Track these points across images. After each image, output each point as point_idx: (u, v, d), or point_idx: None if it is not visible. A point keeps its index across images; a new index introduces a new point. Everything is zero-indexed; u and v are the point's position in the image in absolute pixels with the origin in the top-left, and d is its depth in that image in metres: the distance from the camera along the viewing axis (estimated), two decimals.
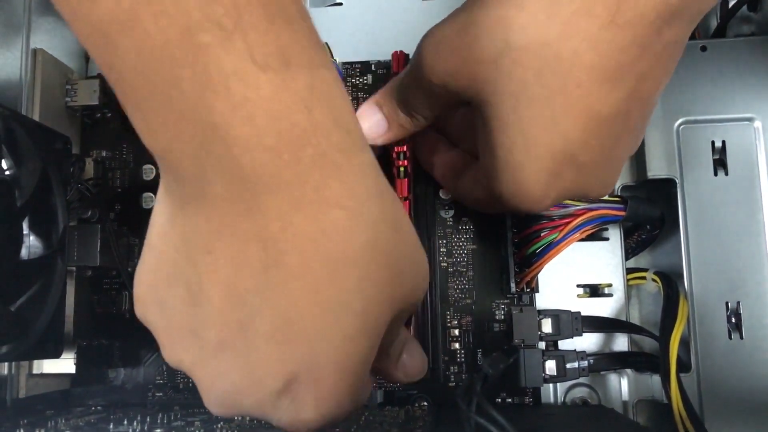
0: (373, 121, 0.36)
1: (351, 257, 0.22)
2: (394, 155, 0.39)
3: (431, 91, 0.33)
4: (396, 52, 0.42)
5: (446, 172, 0.40)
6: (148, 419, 0.36)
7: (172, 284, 0.24)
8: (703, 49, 0.43)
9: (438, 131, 0.40)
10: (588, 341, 0.43)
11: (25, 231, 0.36)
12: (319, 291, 0.22)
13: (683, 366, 0.40)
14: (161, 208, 0.24)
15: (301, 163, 0.20)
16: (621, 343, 0.43)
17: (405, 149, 0.39)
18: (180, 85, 0.18)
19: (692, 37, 0.45)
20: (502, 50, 0.29)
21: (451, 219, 0.43)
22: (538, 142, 0.30)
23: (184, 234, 0.22)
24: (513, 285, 0.40)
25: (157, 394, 0.44)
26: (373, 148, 0.28)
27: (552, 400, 0.42)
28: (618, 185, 0.44)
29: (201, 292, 0.22)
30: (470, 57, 0.30)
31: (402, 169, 0.39)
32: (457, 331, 0.42)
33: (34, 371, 0.41)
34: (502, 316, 0.42)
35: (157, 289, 0.24)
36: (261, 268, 0.21)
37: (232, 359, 0.23)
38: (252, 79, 0.18)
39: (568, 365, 0.40)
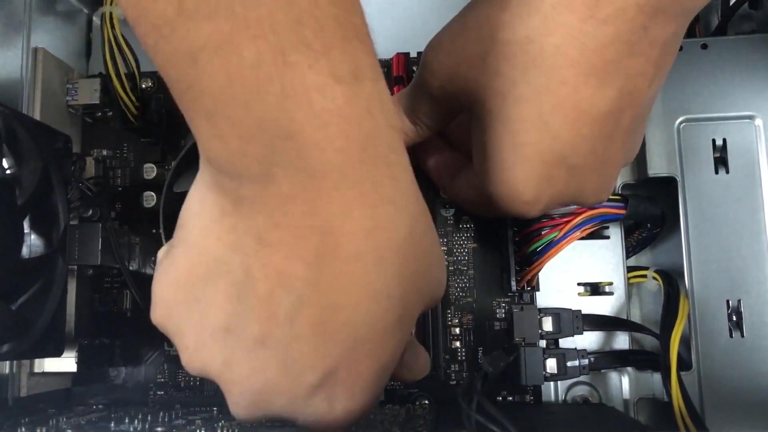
0: None
1: (395, 248, 0.23)
2: None
3: (433, 96, 0.34)
4: (396, 55, 0.43)
5: (442, 173, 0.40)
6: (149, 418, 0.36)
7: (214, 280, 0.24)
8: (704, 47, 0.42)
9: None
10: (589, 339, 0.43)
11: (26, 230, 0.36)
12: (367, 280, 0.23)
13: (684, 364, 0.40)
14: (203, 208, 0.24)
15: (363, 162, 0.22)
16: (622, 341, 0.43)
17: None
18: (265, 98, 0.20)
19: (693, 34, 0.45)
20: (488, 47, 0.29)
21: (451, 218, 0.43)
22: (526, 142, 0.30)
23: (236, 230, 0.23)
24: (514, 283, 0.40)
25: (159, 393, 0.44)
26: None
27: (553, 398, 0.42)
28: (618, 183, 0.44)
29: (248, 285, 0.23)
30: (462, 58, 0.31)
31: None
32: (458, 330, 0.42)
33: (36, 370, 0.41)
34: (503, 315, 0.42)
35: (192, 287, 0.25)
36: (315, 258, 0.22)
37: (270, 355, 0.24)
38: (329, 91, 0.20)
39: (569, 363, 0.40)
